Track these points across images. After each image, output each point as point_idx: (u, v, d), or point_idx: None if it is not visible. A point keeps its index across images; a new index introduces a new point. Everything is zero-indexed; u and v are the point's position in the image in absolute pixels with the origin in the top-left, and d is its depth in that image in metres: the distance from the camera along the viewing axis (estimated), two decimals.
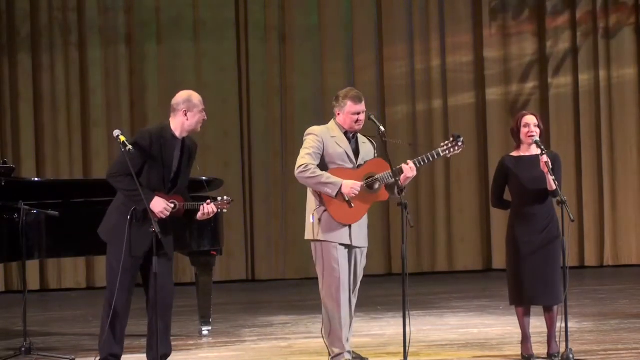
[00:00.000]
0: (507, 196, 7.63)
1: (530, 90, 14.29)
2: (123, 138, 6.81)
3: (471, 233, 14.20)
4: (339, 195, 7.06)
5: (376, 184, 7.16)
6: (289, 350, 8.31)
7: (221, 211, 7.16)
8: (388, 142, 7.15)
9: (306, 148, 7.18)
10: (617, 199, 14.24)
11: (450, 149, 7.21)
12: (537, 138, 7.45)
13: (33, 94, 13.34)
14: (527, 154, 7.51)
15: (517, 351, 7.64)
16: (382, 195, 7.22)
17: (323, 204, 7.12)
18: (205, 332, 9.05)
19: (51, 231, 8.18)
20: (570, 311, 7.43)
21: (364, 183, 7.13)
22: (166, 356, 7.09)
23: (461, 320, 9.73)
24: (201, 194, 8.12)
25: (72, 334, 9.40)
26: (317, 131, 7.23)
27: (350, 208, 7.10)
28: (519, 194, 7.49)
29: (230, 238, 12.94)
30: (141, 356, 7.31)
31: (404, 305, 6.89)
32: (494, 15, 14.22)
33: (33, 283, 12.91)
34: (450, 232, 14.19)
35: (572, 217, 7.15)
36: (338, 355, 7.18)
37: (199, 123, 7.01)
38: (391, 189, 7.19)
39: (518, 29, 14.28)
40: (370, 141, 7.38)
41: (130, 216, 6.82)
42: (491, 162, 13.63)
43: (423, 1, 14.14)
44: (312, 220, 7.14)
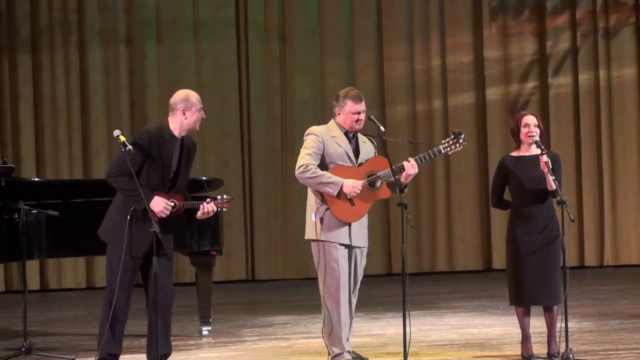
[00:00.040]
0: (507, 196, 7.63)
1: (530, 90, 14.29)
2: (123, 138, 6.80)
3: (471, 233, 14.19)
4: (341, 194, 7.07)
5: (378, 182, 7.15)
6: (289, 350, 8.30)
7: (221, 210, 7.15)
8: (388, 142, 7.15)
9: (306, 148, 7.18)
10: (617, 199, 14.23)
11: (451, 146, 7.19)
12: (537, 138, 7.44)
13: (33, 94, 13.33)
14: (527, 154, 7.51)
15: (517, 351, 7.63)
16: (384, 193, 7.21)
17: (325, 203, 7.12)
18: (205, 332, 9.05)
19: (51, 231, 8.18)
20: (570, 311, 7.42)
21: (366, 181, 7.12)
22: (166, 356, 7.08)
23: (461, 320, 9.72)
24: (201, 194, 8.11)
25: (72, 334, 9.40)
26: (317, 131, 7.23)
27: (352, 206, 7.10)
28: (519, 194, 7.49)
29: (230, 238, 12.95)
30: (141, 356, 7.31)
31: (404, 305, 6.88)
32: (494, 15, 14.22)
33: (33, 283, 12.91)
34: (450, 232, 14.18)
35: (572, 217, 7.14)
36: (338, 355, 7.17)
37: (198, 122, 7.01)
38: (393, 187, 7.18)
39: (518, 29, 14.27)
40: (370, 140, 7.37)
41: (130, 216, 6.82)
42: (491, 162, 13.62)
43: (423, 1, 14.14)
44: (315, 218, 7.13)
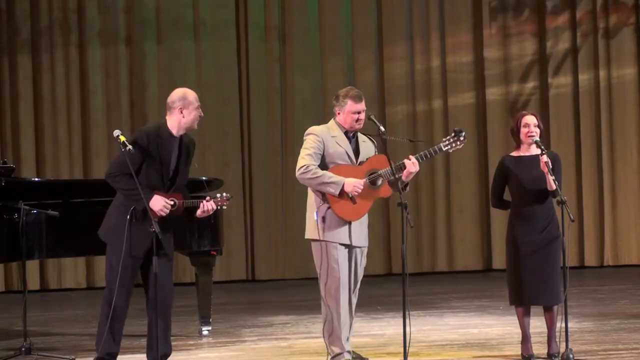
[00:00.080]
0: (507, 196, 7.63)
1: (530, 90, 14.28)
2: (123, 138, 6.81)
3: (471, 233, 14.19)
4: (342, 193, 7.06)
5: (379, 180, 7.15)
6: (289, 350, 8.30)
7: (221, 208, 7.14)
8: (388, 142, 7.15)
9: (306, 149, 7.17)
10: (617, 199, 14.23)
11: (452, 144, 7.19)
12: (537, 138, 7.44)
13: (33, 95, 13.33)
14: (527, 154, 7.51)
15: (517, 351, 7.63)
16: (385, 191, 7.20)
17: (326, 202, 7.11)
18: (205, 332, 9.05)
19: (51, 231, 8.18)
20: (570, 311, 7.42)
21: (367, 179, 7.12)
22: (166, 356, 7.08)
23: (461, 320, 9.72)
24: (201, 194, 8.11)
25: (72, 334, 9.40)
26: (317, 131, 7.22)
27: (354, 204, 7.10)
28: (519, 194, 7.49)
29: (230, 238, 12.95)
30: (141, 356, 7.31)
31: (404, 305, 6.88)
32: (494, 15, 14.22)
33: (33, 283, 12.91)
34: (450, 232, 14.18)
35: (572, 217, 7.14)
36: (338, 355, 7.17)
37: (196, 120, 7.01)
38: (394, 186, 7.17)
39: (518, 29, 14.27)
40: (370, 140, 7.37)
41: (129, 215, 6.82)
42: (491, 162, 13.62)
43: (423, 1, 14.14)
44: (316, 217, 7.13)
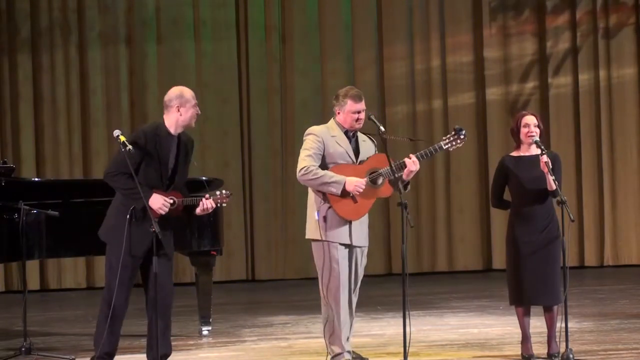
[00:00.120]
0: (507, 196, 7.63)
1: (530, 90, 14.28)
2: (123, 138, 6.81)
3: (471, 233, 14.19)
4: (344, 192, 7.06)
5: (379, 179, 7.14)
6: (289, 350, 8.30)
7: (220, 205, 7.14)
8: (388, 141, 7.14)
9: (306, 149, 7.17)
10: (617, 199, 14.23)
11: (452, 142, 7.20)
12: (537, 138, 7.44)
13: (33, 95, 13.33)
14: (527, 154, 7.51)
15: (517, 351, 7.63)
16: (386, 190, 7.19)
17: (327, 201, 7.11)
18: (205, 332, 9.05)
19: (51, 231, 8.18)
20: (570, 311, 7.42)
21: (368, 178, 7.12)
22: (166, 356, 7.08)
23: (461, 320, 9.72)
24: (201, 194, 8.09)
25: (72, 334, 9.40)
26: (317, 131, 7.22)
27: (354, 204, 7.10)
28: (519, 194, 7.49)
29: (230, 238, 12.96)
30: (141, 356, 7.31)
31: (404, 305, 6.88)
32: (494, 15, 14.22)
33: (33, 283, 12.91)
34: (450, 232, 14.18)
35: (572, 217, 7.14)
36: (338, 355, 7.17)
37: (193, 118, 7.01)
38: (395, 185, 7.16)
39: (518, 29, 14.27)
40: (370, 139, 7.37)
41: (129, 215, 6.82)
42: (491, 162, 13.62)
43: (423, 1, 14.14)
44: (317, 217, 7.12)
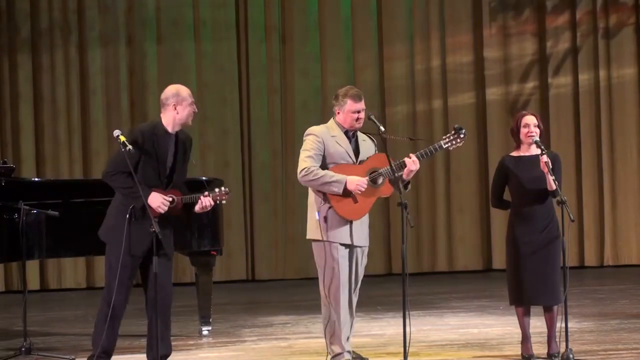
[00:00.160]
0: (507, 196, 7.63)
1: (530, 90, 14.29)
2: (123, 138, 6.81)
3: (471, 233, 14.20)
4: (345, 191, 7.05)
5: (380, 179, 7.14)
6: (289, 350, 8.30)
7: (219, 202, 7.14)
8: (388, 140, 7.14)
9: (306, 150, 7.16)
10: (617, 199, 14.23)
11: (452, 141, 7.19)
12: (537, 138, 7.44)
13: (33, 95, 13.33)
14: (527, 154, 7.51)
15: (517, 351, 7.63)
16: (386, 190, 7.19)
17: (327, 201, 7.11)
18: (205, 332, 9.05)
19: (51, 231, 8.18)
20: (570, 311, 7.42)
21: (368, 178, 7.11)
22: (166, 356, 7.08)
23: (461, 320, 9.72)
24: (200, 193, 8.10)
25: (72, 334, 9.40)
26: (317, 131, 7.22)
27: (355, 203, 7.10)
28: (519, 194, 7.49)
29: (230, 238, 12.96)
30: (141, 356, 7.31)
31: (404, 305, 6.88)
32: (494, 15, 14.22)
33: (33, 283, 12.91)
34: (450, 232, 14.18)
35: (572, 217, 7.14)
36: (338, 355, 7.17)
37: (190, 116, 7.01)
38: (395, 184, 7.16)
39: (518, 29, 14.28)
40: (370, 138, 7.36)
41: (128, 215, 6.82)
42: (491, 162, 13.62)
43: (423, 1, 14.14)
44: (318, 217, 7.12)
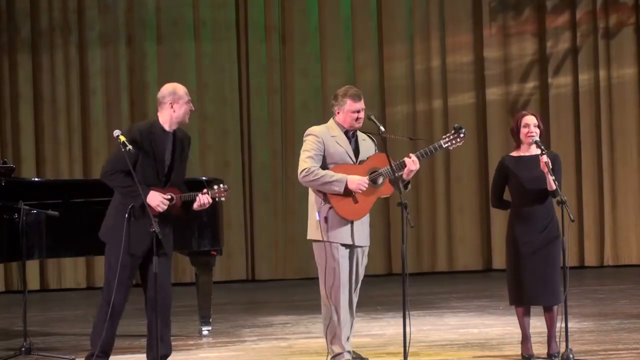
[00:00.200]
0: (507, 196, 7.63)
1: (530, 90, 14.29)
2: (123, 138, 6.81)
3: (471, 233, 14.19)
4: (346, 191, 7.05)
5: (380, 179, 7.14)
6: (289, 350, 8.30)
7: (218, 199, 7.13)
8: (388, 140, 7.14)
9: (307, 151, 7.16)
10: (617, 199, 14.23)
11: (452, 141, 7.19)
12: (537, 138, 7.44)
13: (33, 95, 13.33)
14: (527, 154, 7.51)
15: (517, 351, 7.63)
16: (386, 190, 7.19)
17: (328, 201, 7.11)
18: (205, 332, 9.05)
19: (51, 231, 8.18)
20: (570, 311, 7.42)
21: (368, 178, 7.11)
22: (166, 356, 7.08)
23: (461, 320, 9.72)
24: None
25: (72, 334, 9.40)
26: (317, 131, 7.21)
27: (355, 203, 7.09)
28: (519, 194, 7.49)
29: (230, 238, 12.96)
30: (141, 356, 7.31)
31: (404, 305, 6.88)
32: (494, 15, 14.22)
33: (33, 283, 12.91)
34: (450, 232, 14.18)
35: (572, 217, 7.14)
36: (338, 355, 7.17)
37: (187, 114, 7.02)
38: (395, 184, 7.15)
39: (518, 29, 14.27)
40: (370, 138, 7.36)
41: (128, 214, 6.82)
42: (491, 162, 13.62)
43: (423, 1, 14.14)
44: (318, 217, 7.12)
